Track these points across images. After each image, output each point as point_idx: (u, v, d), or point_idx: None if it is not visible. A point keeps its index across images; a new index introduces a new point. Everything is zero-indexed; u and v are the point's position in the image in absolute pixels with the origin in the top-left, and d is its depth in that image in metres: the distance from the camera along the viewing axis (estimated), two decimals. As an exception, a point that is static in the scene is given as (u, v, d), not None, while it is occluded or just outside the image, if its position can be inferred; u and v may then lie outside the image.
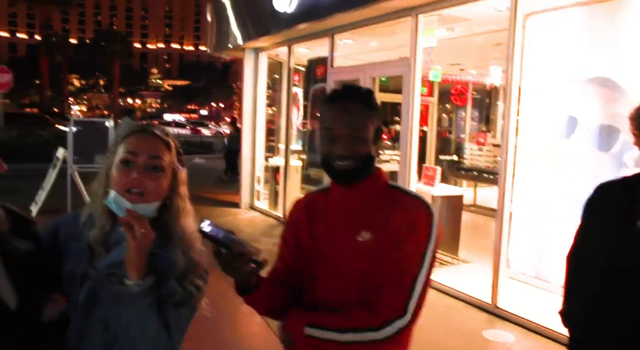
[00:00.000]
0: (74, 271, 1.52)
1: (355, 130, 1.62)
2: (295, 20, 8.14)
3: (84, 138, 9.35)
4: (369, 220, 1.64)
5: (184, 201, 1.61)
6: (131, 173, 1.50)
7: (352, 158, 1.62)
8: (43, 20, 58.63)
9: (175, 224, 1.57)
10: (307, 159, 9.83)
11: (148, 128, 1.59)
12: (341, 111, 1.64)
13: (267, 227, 9.12)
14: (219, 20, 10.95)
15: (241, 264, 1.51)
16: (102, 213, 1.55)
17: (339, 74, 8.14)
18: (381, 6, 6.48)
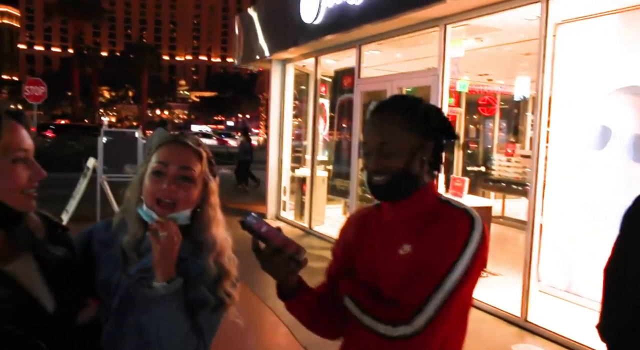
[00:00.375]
0: (107, 278, 1.55)
1: (384, 145, 1.54)
2: (322, 32, 8.16)
3: (113, 148, 9.46)
4: (411, 233, 1.57)
5: (214, 210, 1.61)
6: (162, 183, 1.53)
7: (383, 173, 1.55)
8: (76, 34, 59.92)
9: (206, 232, 1.58)
10: (333, 169, 9.80)
11: (180, 138, 1.60)
12: (372, 124, 1.58)
13: (293, 237, 9.04)
14: (247, 32, 11.04)
15: (279, 261, 1.47)
16: (134, 220, 1.57)
17: (365, 85, 8.12)
18: (409, 17, 6.47)
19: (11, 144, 1.33)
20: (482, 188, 9.64)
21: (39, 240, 1.44)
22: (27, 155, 1.37)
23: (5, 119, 1.35)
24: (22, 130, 1.38)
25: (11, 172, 1.34)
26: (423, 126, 1.56)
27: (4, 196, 1.33)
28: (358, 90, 8.14)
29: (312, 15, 8.19)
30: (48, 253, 1.45)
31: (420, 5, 6.06)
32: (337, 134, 9.82)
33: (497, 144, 10.91)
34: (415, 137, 1.55)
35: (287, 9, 9.29)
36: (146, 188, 1.55)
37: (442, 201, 1.62)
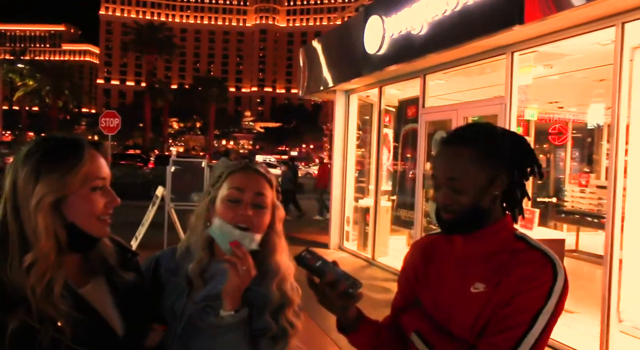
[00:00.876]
0: (172, 304, 1.57)
1: (453, 180, 1.48)
2: (386, 62, 8.14)
3: (181, 177, 9.69)
4: (485, 271, 1.49)
5: (280, 238, 1.65)
6: (238, 209, 1.56)
7: (452, 209, 1.49)
8: (149, 69, 62.69)
9: (271, 259, 1.60)
10: (397, 200, 9.65)
11: (252, 166, 1.64)
12: (441, 157, 1.52)
13: (356, 268, 8.98)
14: (311, 64, 11.17)
15: (333, 296, 1.45)
16: (201, 247, 1.60)
17: (430, 115, 8.01)
18: (474, 45, 6.36)
19: (91, 172, 1.39)
20: (554, 220, 9.25)
21: (112, 265, 1.50)
22: (105, 183, 1.43)
23: (87, 148, 1.41)
24: (101, 159, 1.45)
25: (89, 199, 1.39)
26: (495, 159, 1.48)
27: (81, 222, 1.39)
28: (422, 119, 8.03)
29: (376, 46, 8.19)
30: (119, 278, 1.50)
31: (486, 33, 5.94)
32: (401, 164, 9.70)
33: (569, 174, 10.49)
34: (486, 171, 1.48)
35: (351, 40, 9.34)
36: (221, 213, 1.57)
37: (518, 238, 1.54)
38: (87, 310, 1.38)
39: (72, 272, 1.43)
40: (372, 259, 9.33)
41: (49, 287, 1.31)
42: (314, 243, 10.98)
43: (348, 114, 10.63)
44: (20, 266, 1.30)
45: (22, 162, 1.36)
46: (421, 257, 1.67)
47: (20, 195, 1.35)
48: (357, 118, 10.69)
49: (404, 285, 1.70)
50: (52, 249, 1.33)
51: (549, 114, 9.13)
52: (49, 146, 1.38)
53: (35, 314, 1.28)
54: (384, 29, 7.99)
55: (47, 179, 1.33)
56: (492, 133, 1.52)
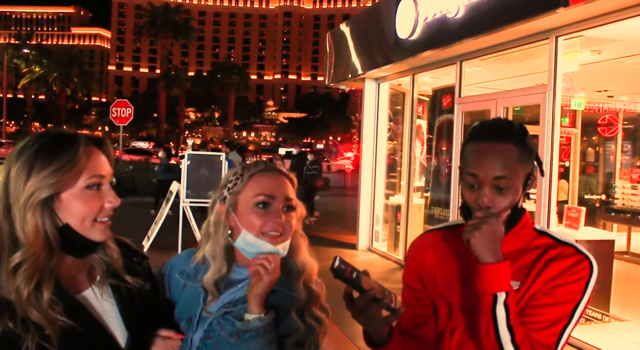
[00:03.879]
0: (189, 311, 1.61)
1: (503, 179, 1.53)
2: (419, 48, 8.19)
3: (197, 172, 9.75)
4: (517, 269, 1.58)
5: (302, 236, 1.69)
6: (268, 215, 1.58)
7: (496, 213, 1.54)
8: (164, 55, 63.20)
9: (296, 258, 1.64)
10: (431, 196, 9.71)
11: (274, 166, 1.67)
12: (487, 154, 1.55)
13: (386, 271, 9.08)
14: (338, 49, 11.26)
15: (374, 311, 1.48)
16: (220, 256, 1.63)
17: (467, 105, 8.05)
18: (515, 30, 6.39)
19: (87, 169, 1.40)
20: (602, 219, 9.21)
21: (116, 269, 1.51)
22: (102, 181, 1.44)
23: (84, 144, 1.42)
24: (101, 156, 1.46)
25: (84, 198, 1.40)
26: (530, 157, 1.59)
27: (75, 223, 1.40)
28: (459, 110, 8.08)
29: (409, 31, 8.25)
30: (125, 284, 1.52)
31: (528, 16, 5.98)
32: (435, 158, 9.75)
33: (620, 169, 10.40)
34: (526, 170, 1.58)
35: (381, 24, 9.41)
36: (249, 221, 1.59)
37: (540, 232, 1.65)
38: (84, 318, 1.40)
39: (70, 276, 1.45)
40: (403, 260, 9.37)
41: (38, 290, 1.32)
42: (341, 243, 11.09)
43: (378, 103, 10.70)
44: (7, 267, 1.32)
45: (15, 157, 1.38)
46: (432, 256, 1.73)
47: (11, 192, 1.36)
48: (388, 108, 10.75)
49: (418, 289, 1.75)
50: (42, 250, 1.34)
51: (598, 103, 9.07)
52: (44, 141, 1.40)
53: (20, 319, 1.29)
54: (417, 12, 8.04)
55: (38, 174, 1.35)
56: (523, 127, 1.61)
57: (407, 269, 1.81)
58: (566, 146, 9.41)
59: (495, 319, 1.48)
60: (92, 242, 1.44)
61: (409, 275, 1.79)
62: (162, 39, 60.45)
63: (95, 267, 1.50)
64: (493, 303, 1.47)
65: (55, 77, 61.43)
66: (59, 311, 1.34)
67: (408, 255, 1.83)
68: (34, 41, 73.44)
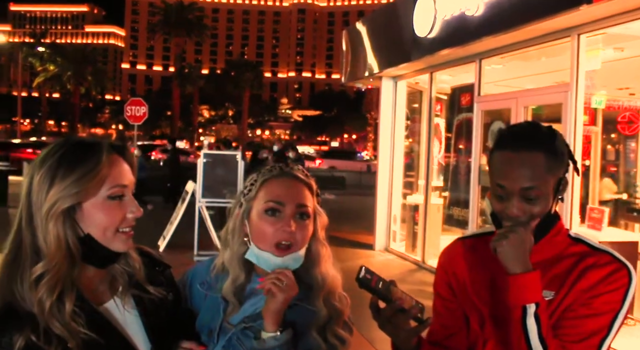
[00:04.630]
0: (209, 323, 1.58)
1: (531, 190, 1.50)
2: (437, 46, 8.18)
3: (213, 171, 9.73)
4: (549, 278, 1.55)
5: (323, 246, 1.62)
6: (278, 223, 1.53)
7: (523, 222, 1.51)
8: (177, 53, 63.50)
9: (316, 270, 1.59)
10: (450, 196, 9.68)
11: (290, 171, 1.60)
12: (513, 165, 1.51)
13: (404, 272, 9.06)
14: (354, 48, 11.26)
15: (401, 322, 1.46)
16: (236, 265, 1.59)
17: (486, 103, 8.02)
18: (536, 27, 6.36)
19: (109, 178, 1.38)
20: (625, 219, 9.14)
21: (138, 280, 1.50)
22: (125, 191, 1.42)
23: (107, 153, 1.40)
24: (124, 164, 1.44)
25: (106, 208, 1.39)
26: (561, 161, 1.55)
27: (97, 233, 1.39)
28: (478, 108, 8.05)
29: (427, 28, 8.24)
30: (148, 294, 1.50)
31: (550, 13, 5.95)
32: (454, 157, 9.72)
33: (641, 168, 10.31)
34: (557, 176, 1.54)
35: (398, 22, 9.40)
36: (258, 230, 1.56)
37: (575, 239, 1.62)
38: (106, 330, 1.38)
39: (92, 287, 1.44)
40: (421, 261, 9.39)
41: (60, 302, 1.32)
42: (357, 244, 11.08)
43: (395, 102, 10.68)
44: (30, 278, 1.31)
45: (38, 166, 1.37)
46: (464, 264, 1.70)
47: (33, 201, 1.35)
48: (406, 107, 10.73)
49: (447, 297, 1.72)
50: (63, 261, 1.33)
51: (618, 101, 9.00)
52: (66, 149, 1.38)
53: (42, 331, 1.28)
54: (435, 9, 8.03)
55: (61, 184, 1.33)
56: (553, 131, 1.57)
57: (437, 277, 1.79)
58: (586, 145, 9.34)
59: (527, 332, 1.45)
60: (114, 253, 1.43)
61: (440, 284, 1.76)
62: (176, 37, 60.77)
63: (117, 278, 1.49)
64: (523, 315, 1.45)
65: (70, 76, 62.01)
66: (82, 323, 1.33)
67: (438, 263, 1.81)
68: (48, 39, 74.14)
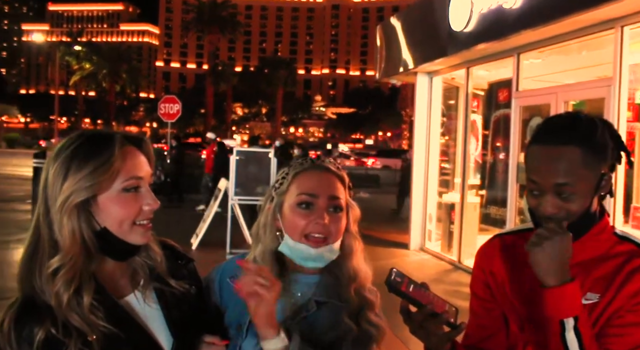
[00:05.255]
0: (238, 318, 1.57)
1: (564, 186, 1.42)
2: (474, 40, 8.09)
3: (245, 169, 9.80)
4: (593, 280, 1.48)
5: (356, 240, 1.62)
6: (311, 216, 1.53)
7: (559, 220, 1.44)
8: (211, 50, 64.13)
9: (347, 264, 1.58)
10: (487, 195, 9.56)
11: (322, 164, 1.60)
12: (546, 160, 1.44)
13: (439, 272, 8.99)
14: (389, 43, 11.20)
15: (434, 327, 1.42)
16: (269, 259, 1.58)
17: (525, 99, 7.90)
18: (577, 19, 6.24)
19: (124, 170, 1.38)
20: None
21: (159, 273, 1.50)
22: (140, 183, 1.41)
23: (120, 145, 1.39)
24: (140, 156, 1.43)
25: (121, 201, 1.38)
26: (603, 156, 1.46)
27: (113, 226, 1.38)
28: (516, 104, 7.93)
29: (463, 23, 8.15)
30: (169, 287, 1.50)
31: (592, 5, 5.84)
32: (491, 155, 9.60)
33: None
34: (597, 171, 1.45)
35: (434, 16, 9.32)
36: (290, 222, 1.55)
37: (622, 238, 1.53)
38: (127, 323, 1.39)
39: (112, 280, 1.44)
40: (457, 261, 9.31)
41: (78, 295, 1.32)
42: (392, 243, 11.03)
43: (431, 98, 10.60)
44: (47, 271, 1.33)
45: (53, 159, 1.38)
46: (502, 263, 1.64)
47: (49, 195, 1.36)
48: (441, 103, 10.65)
49: (485, 298, 1.67)
50: (79, 254, 1.34)
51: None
52: (80, 142, 1.39)
53: (61, 324, 1.30)
54: (471, 2, 7.95)
55: (74, 177, 1.34)
56: (594, 123, 1.47)
57: (474, 276, 1.72)
58: (630, 141, 9.12)
59: (566, 346, 1.38)
60: (133, 246, 1.42)
61: (476, 283, 1.70)
62: (209, 34, 61.36)
63: (138, 271, 1.49)
64: (561, 329, 1.37)
65: (105, 74, 63.18)
66: (101, 316, 1.33)
67: (475, 262, 1.74)
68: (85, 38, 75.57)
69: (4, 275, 7.46)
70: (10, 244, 9.58)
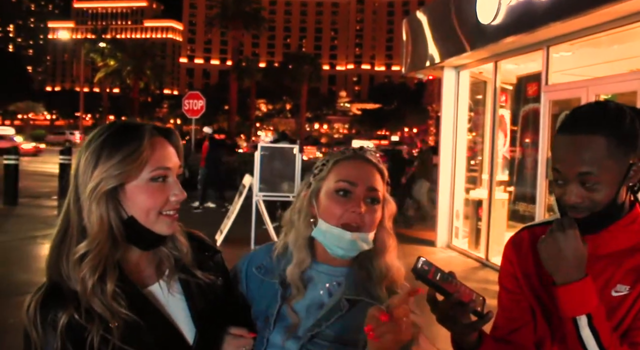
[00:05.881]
0: (266, 309, 1.57)
1: (586, 175, 1.40)
2: (502, 33, 8.03)
3: (270, 165, 9.80)
4: (623, 272, 1.46)
5: (390, 236, 1.60)
6: (348, 204, 1.52)
7: (584, 209, 1.42)
8: (235, 46, 64.37)
9: (380, 260, 1.57)
10: (515, 191, 9.49)
11: (364, 154, 1.59)
12: (569, 148, 1.42)
13: (467, 270, 8.95)
14: (415, 37, 11.16)
15: (460, 316, 1.43)
16: (301, 246, 1.58)
17: (555, 93, 7.83)
18: (609, 11, 6.17)
19: (152, 160, 1.41)
20: None
21: (185, 264, 1.52)
22: (168, 173, 1.44)
23: (149, 135, 1.42)
24: (169, 147, 1.46)
25: (148, 190, 1.41)
26: (631, 145, 1.42)
27: (140, 215, 1.41)
28: (546, 98, 7.86)
29: (491, 15, 8.09)
30: (194, 278, 1.52)
31: (624, -5, 5.76)
32: (519, 150, 9.52)
33: None
34: (624, 161, 1.42)
35: (461, 9, 9.27)
36: (326, 209, 1.54)
37: None
38: (149, 312, 1.41)
39: (137, 270, 1.47)
40: (485, 259, 9.26)
41: (102, 282, 1.35)
42: (418, 240, 11.00)
43: (458, 93, 10.54)
44: (74, 257, 1.37)
45: (85, 148, 1.42)
46: (531, 255, 1.62)
47: (80, 182, 1.40)
48: (469, 97, 10.59)
49: (514, 291, 1.65)
50: (105, 241, 1.37)
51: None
52: (111, 131, 1.42)
53: (84, 310, 1.33)
54: (500, -6, 7.88)
55: (104, 165, 1.37)
56: (622, 113, 1.44)
57: (502, 269, 1.71)
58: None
59: (584, 344, 1.37)
60: (159, 236, 1.45)
61: (505, 275, 1.69)
62: (233, 30, 61.52)
63: (163, 261, 1.51)
64: (575, 327, 1.37)
65: (129, 71, 63.77)
66: (123, 304, 1.36)
67: (503, 254, 1.73)
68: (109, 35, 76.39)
69: (31, 270, 7.63)
70: (37, 239, 9.78)
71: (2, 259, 8.53)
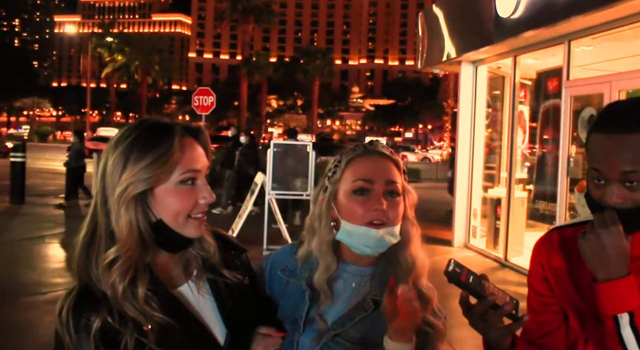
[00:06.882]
0: (293, 311, 1.59)
1: (632, 173, 1.38)
2: (522, 27, 8.01)
3: (282, 163, 9.77)
4: None
5: (413, 225, 1.61)
6: (368, 203, 1.52)
7: (628, 211, 1.40)
8: (245, 40, 64.32)
9: (406, 251, 1.58)
10: (535, 189, 9.47)
11: (375, 148, 1.59)
12: (611, 149, 1.40)
13: (485, 270, 8.86)
14: (431, 32, 11.14)
15: (494, 319, 1.42)
16: (327, 252, 1.58)
17: (576, 88, 7.80)
18: (631, 4, 6.16)
19: (181, 162, 1.40)
20: None
21: (213, 264, 1.53)
22: (198, 175, 1.43)
23: (179, 136, 1.41)
24: (198, 148, 1.45)
25: (177, 193, 1.40)
26: None
27: (169, 219, 1.41)
28: (567, 94, 7.84)
29: (510, 8, 8.07)
30: (222, 278, 1.53)
31: (649, -12, 5.73)
32: (539, 148, 9.49)
33: None
34: None
35: (479, 3, 9.26)
36: (347, 210, 1.54)
37: None
38: (180, 314, 1.42)
39: (165, 271, 1.48)
40: (503, 259, 9.24)
41: (133, 286, 1.36)
42: (434, 239, 10.97)
43: (475, 88, 10.52)
44: (103, 262, 1.37)
45: (112, 149, 1.40)
46: (562, 256, 1.61)
47: (107, 185, 1.40)
48: (487, 93, 10.56)
49: (543, 293, 1.65)
50: (135, 246, 1.37)
51: None
52: (139, 132, 1.41)
53: (116, 314, 1.34)
54: (520, -12, 7.87)
55: (133, 168, 1.36)
56: None
57: (531, 271, 1.70)
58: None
59: (624, 343, 1.35)
60: (187, 239, 1.45)
61: (534, 278, 1.68)
62: (243, 24, 61.45)
63: (191, 262, 1.52)
64: (616, 326, 1.36)
65: (137, 66, 63.97)
66: (155, 307, 1.37)
67: (532, 256, 1.72)
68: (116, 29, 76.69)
69: (39, 270, 7.56)
70: (44, 239, 9.81)
71: (10, 258, 8.53)
